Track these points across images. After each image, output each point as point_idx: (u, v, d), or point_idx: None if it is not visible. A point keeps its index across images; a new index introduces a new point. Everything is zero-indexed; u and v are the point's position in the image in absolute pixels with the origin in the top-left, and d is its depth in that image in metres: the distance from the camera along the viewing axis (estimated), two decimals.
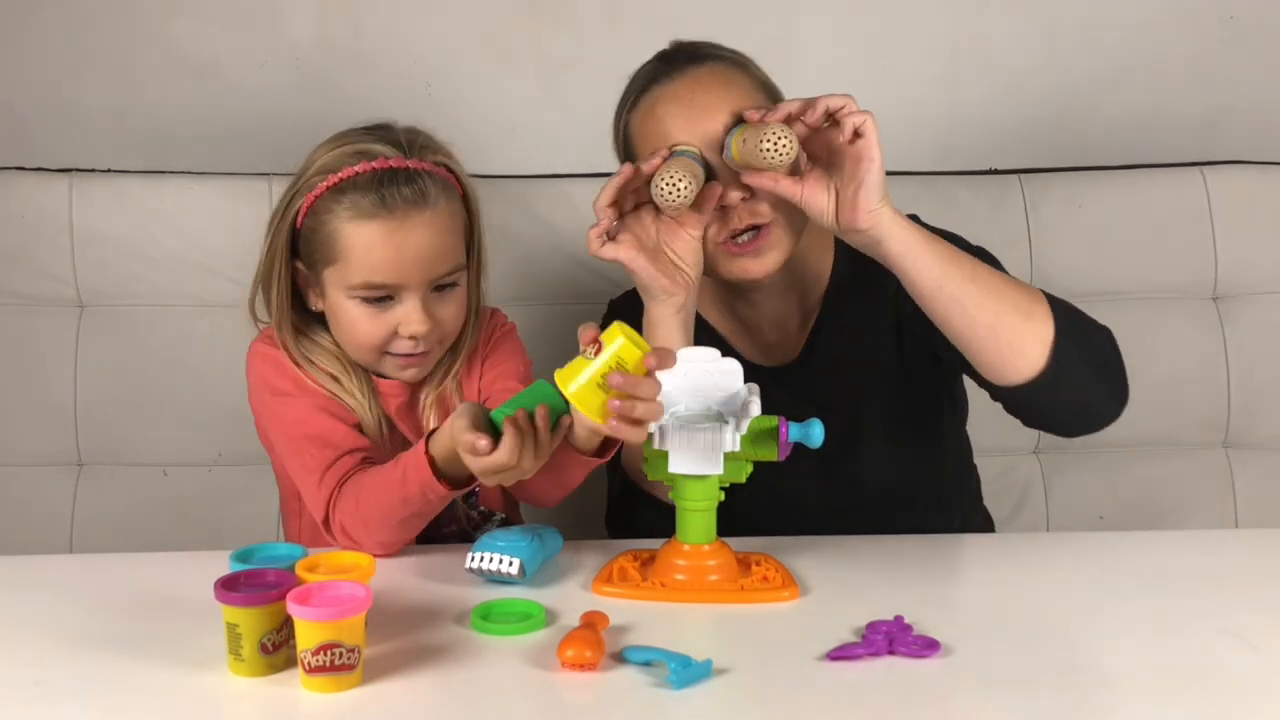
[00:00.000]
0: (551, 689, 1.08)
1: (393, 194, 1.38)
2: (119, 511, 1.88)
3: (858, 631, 1.15)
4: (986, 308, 1.33)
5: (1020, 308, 1.34)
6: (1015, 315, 1.34)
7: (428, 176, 1.41)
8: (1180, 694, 1.08)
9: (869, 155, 1.31)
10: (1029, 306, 1.35)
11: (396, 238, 1.38)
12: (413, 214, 1.39)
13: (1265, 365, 1.95)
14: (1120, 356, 1.41)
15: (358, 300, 1.41)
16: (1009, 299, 1.35)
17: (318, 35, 2.01)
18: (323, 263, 1.42)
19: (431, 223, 1.40)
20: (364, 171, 1.40)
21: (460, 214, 1.46)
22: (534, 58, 2.02)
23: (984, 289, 1.34)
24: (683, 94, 1.44)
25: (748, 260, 1.44)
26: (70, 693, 1.08)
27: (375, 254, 1.39)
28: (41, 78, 2.00)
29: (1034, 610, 1.24)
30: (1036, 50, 2.07)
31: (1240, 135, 2.06)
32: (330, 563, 1.17)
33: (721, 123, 1.41)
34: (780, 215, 1.42)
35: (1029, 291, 1.38)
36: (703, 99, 1.43)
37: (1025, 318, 1.34)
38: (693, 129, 1.41)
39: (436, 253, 1.41)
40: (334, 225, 1.40)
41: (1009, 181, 1.96)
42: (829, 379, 1.52)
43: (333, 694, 1.07)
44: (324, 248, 1.41)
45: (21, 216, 1.89)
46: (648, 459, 1.28)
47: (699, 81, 1.44)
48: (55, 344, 1.89)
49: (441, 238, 1.41)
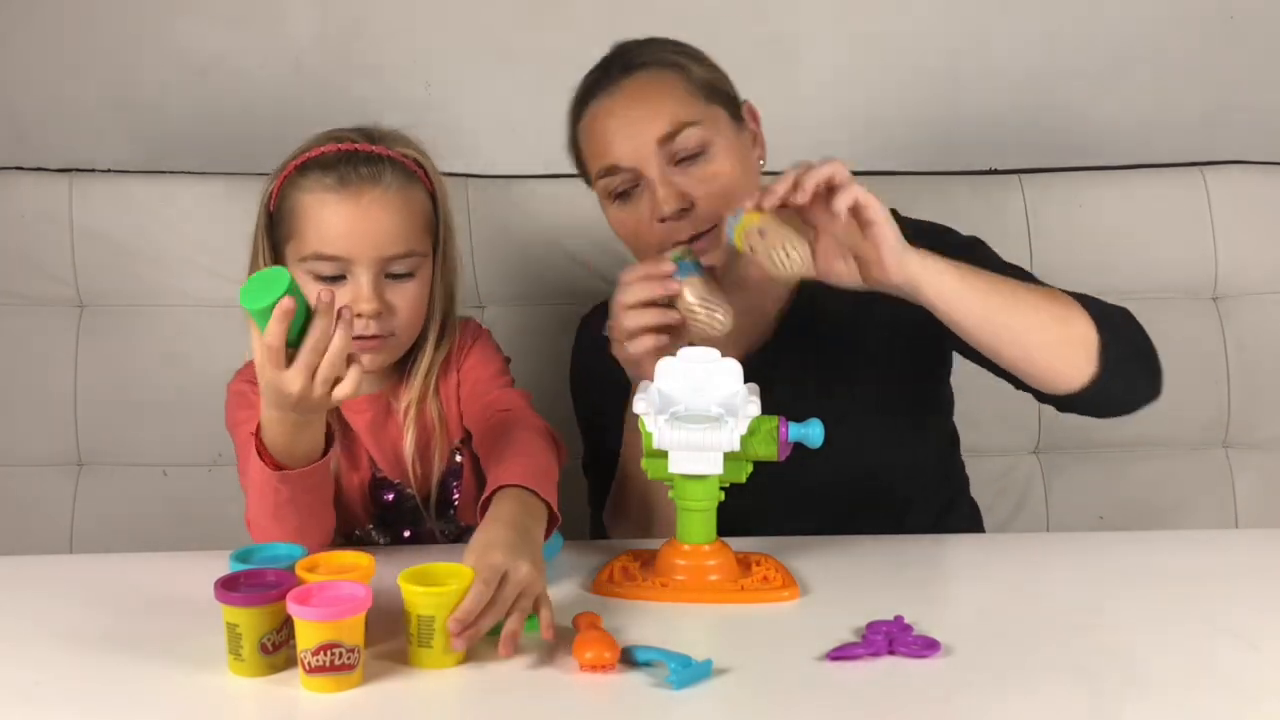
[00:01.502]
0: (552, 689, 1.08)
1: (350, 171, 1.41)
2: (119, 511, 1.88)
3: (858, 631, 1.15)
4: (1033, 329, 1.34)
5: (1059, 317, 1.35)
6: (1059, 328, 1.34)
7: (389, 161, 1.43)
8: (1180, 694, 1.08)
9: (875, 220, 1.28)
10: (1066, 314, 1.35)
11: (348, 209, 1.40)
12: (366, 189, 1.40)
13: (1265, 365, 1.95)
14: (1147, 335, 1.42)
15: (310, 277, 1.40)
16: (1048, 312, 1.35)
17: (318, 35, 2.01)
18: (284, 240, 1.43)
19: (385, 200, 1.41)
20: (329, 151, 1.43)
21: (423, 205, 1.46)
22: (534, 58, 2.02)
23: (1026, 312, 1.34)
24: (617, 108, 1.46)
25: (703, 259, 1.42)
26: (70, 693, 1.08)
27: (326, 225, 1.40)
28: (41, 78, 2.00)
29: (1034, 610, 1.24)
30: (1036, 50, 2.07)
31: (1240, 135, 2.06)
32: (330, 563, 1.16)
33: (658, 130, 1.42)
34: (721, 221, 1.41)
35: (1059, 298, 1.37)
36: (637, 111, 1.45)
37: (1068, 327, 1.35)
38: (630, 142, 1.43)
39: (389, 231, 1.41)
40: (294, 199, 1.42)
41: (1009, 181, 1.96)
42: (791, 369, 1.50)
43: (333, 694, 1.07)
44: (286, 224, 1.43)
45: (21, 216, 1.89)
46: (648, 459, 1.28)
47: (633, 93, 1.46)
48: (55, 344, 1.89)
49: (395, 218, 1.41)
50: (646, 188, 1.44)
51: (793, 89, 2.03)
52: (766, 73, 1.57)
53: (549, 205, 1.94)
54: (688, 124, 1.43)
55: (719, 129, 1.46)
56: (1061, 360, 1.34)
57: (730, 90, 1.50)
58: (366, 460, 1.49)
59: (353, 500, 1.49)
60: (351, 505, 1.49)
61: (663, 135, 1.42)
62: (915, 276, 1.30)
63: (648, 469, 1.29)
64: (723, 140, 1.45)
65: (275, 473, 1.27)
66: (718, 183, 1.43)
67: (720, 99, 1.48)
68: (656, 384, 1.27)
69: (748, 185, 1.45)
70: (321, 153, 1.43)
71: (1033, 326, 1.33)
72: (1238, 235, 1.95)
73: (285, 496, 1.29)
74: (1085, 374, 1.34)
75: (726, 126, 1.47)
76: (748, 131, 1.51)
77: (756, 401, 1.25)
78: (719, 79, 1.49)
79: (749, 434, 1.24)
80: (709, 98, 1.46)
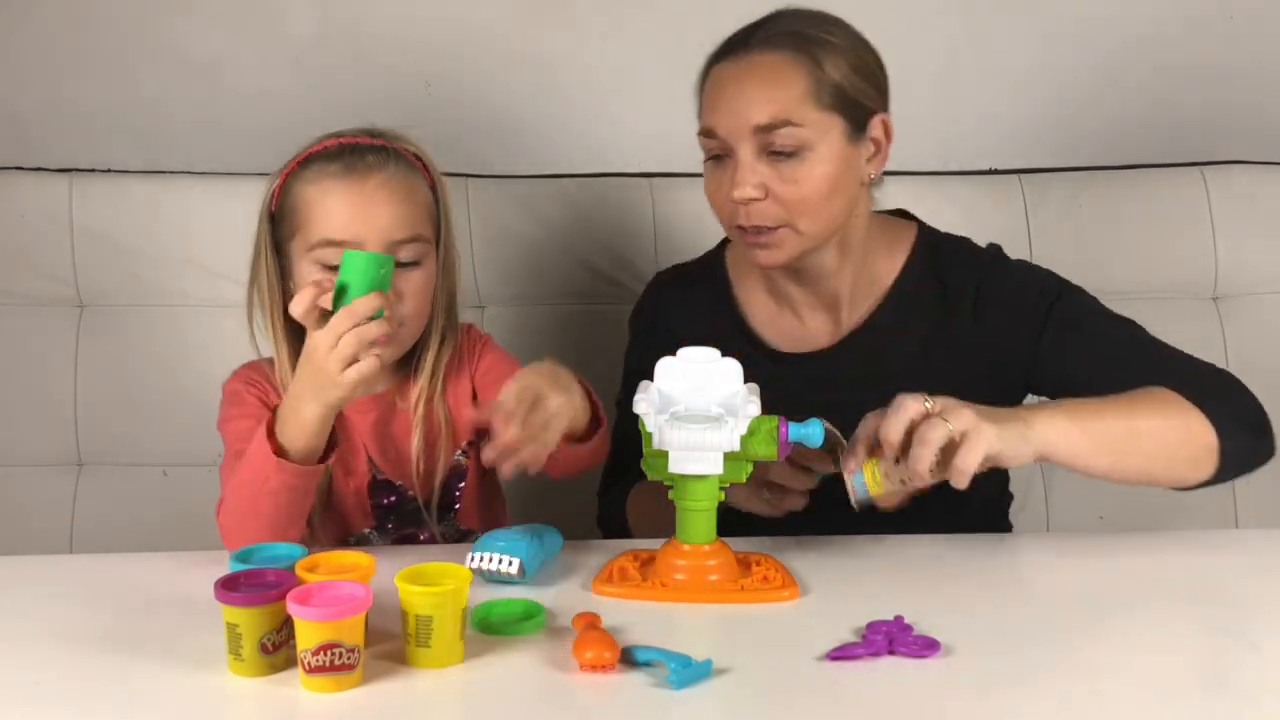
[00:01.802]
0: (552, 689, 1.08)
1: (355, 159, 1.42)
2: (119, 511, 1.88)
3: (858, 631, 1.15)
4: (1158, 460, 1.33)
5: (1179, 433, 1.33)
6: (1180, 448, 1.33)
7: (391, 151, 1.45)
8: (1180, 694, 1.08)
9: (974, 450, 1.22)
10: (1185, 425, 1.33)
11: (354, 194, 1.41)
12: (371, 175, 1.41)
13: (1265, 365, 1.95)
14: (1253, 398, 1.41)
15: (319, 267, 1.40)
16: (1168, 434, 1.32)
17: (318, 35, 2.01)
18: (288, 236, 1.44)
19: (390, 186, 1.42)
20: (330, 146, 1.44)
21: (425, 195, 1.47)
22: (534, 58, 2.02)
23: (1152, 445, 1.32)
24: (734, 79, 1.43)
25: (757, 251, 1.45)
26: (70, 693, 1.08)
27: (334, 211, 1.40)
28: (41, 78, 2.00)
29: (1034, 610, 1.24)
30: (1036, 50, 2.07)
31: (1240, 135, 2.06)
32: (330, 563, 1.16)
33: (760, 117, 1.39)
34: (793, 224, 1.42)
35: (1173, 407, 1.34)
36: (749, 90, 1.41)
37: (1188, 443, 1.33)
38: (731, 117, 1.41)
39: (395, 216, 1.42)
40: (298, 194, 1.43)
41: (1009, 181, 1.97)
42: (854, 378, 1.48)
43: (333, 694, 1.06)
44: (290, 219, 1.43)
45: (21, 216, 1.89)
46: (648, 459, 1.28)
47: (753, 71, 1.42)
48: (55, 344, 1.89)
49: (401, 203, 1.42)
50: (733, 162, 1.43)
51: None
52: None
53: (549, 205, 1.94)
54: (790, 123, 1.39)
55: (826, 137, 1.41)
56: (1182, 473, 1.35)
57: (863, 99, 1.44)
58: (365, 464, 1.49)
59: (349, 506, 1.49)
60: (348, 511, 1.49)
61: (762, 124, 1.40)
62: (1038, 452, 1.27)
63: (647, 469, 1.28)
64: (825, 149, 1.41)
65: (274, 458, 1.29)
66: (801, 187, 1.41)
67: (843, 107, 1.42)
68: (656, 384, 1.27)
69: (837, 199, 1.43)
70: (324, 147, 1.44)
71: (1158, 459, 1.33)
72: (1238, 235, 1.95)
73: (272, 486, 1.30)
74: (1205, 474, 1.35)
75: (836, 136, 1.42)
76: (866, 144, 1.46)
77: (756, 401, 1.25)
78: (853, 85, 1.43)
79: (749, 434, 1.24)
80: (828, 103, 1.41)
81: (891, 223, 1.57)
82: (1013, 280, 1.51)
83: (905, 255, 1.54)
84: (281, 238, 1.45)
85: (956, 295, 1.50)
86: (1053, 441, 1.27)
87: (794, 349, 1.55)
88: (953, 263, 1.53)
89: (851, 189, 1.46)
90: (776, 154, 1.41)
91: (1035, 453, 1.26)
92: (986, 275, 1.51)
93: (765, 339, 1.56)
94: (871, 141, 1.46)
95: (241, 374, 1.50)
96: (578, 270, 1.93)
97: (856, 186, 1.46)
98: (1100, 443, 1.29)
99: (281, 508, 1.33)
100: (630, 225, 1.95)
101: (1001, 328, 1.49)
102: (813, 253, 1.47)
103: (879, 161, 1.48)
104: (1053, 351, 1.47)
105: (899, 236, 1.55)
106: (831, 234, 1.46)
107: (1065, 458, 1.28)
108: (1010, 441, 1.24)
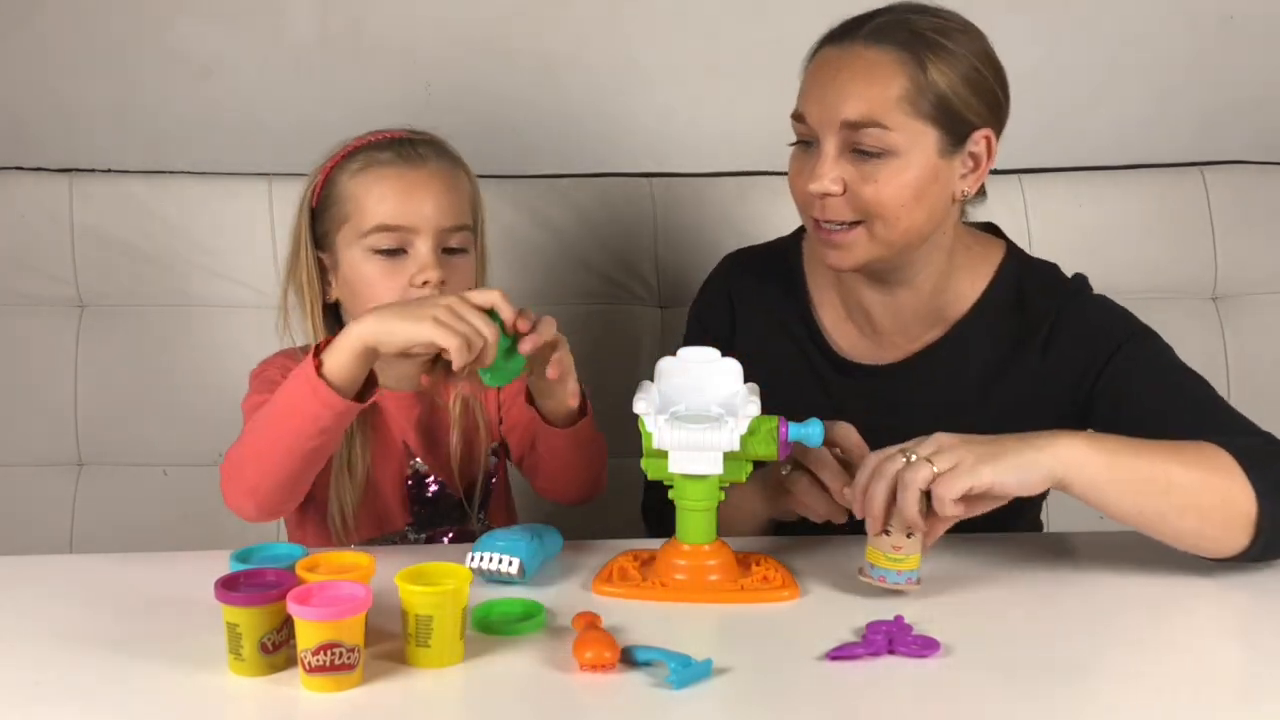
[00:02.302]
0: (551, 689, 1.08)
1: (406, 148, 1.45)
2: (119, 511, 1.88)
3: (858, 631, 1.15)
4: (1188, 518, 1.23)
5: (1222, 491, 1.23)
6: (1219, 510, 1.23)
7: (438, 145, 1.49)
8: (1180, 694, 1.08)
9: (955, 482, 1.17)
10: (1227, 487, 1.23)
11: (408, 180, 1.43)
12: (423, 163, 1.45)
13: (1265, 365, 1.95)
14: None
15: (370, 254, 1.42)
16: (1210, 491, 1.23)
17: (318, 35, 2.01)
18: (335, 228, 1.45)
19: (440, 173, 1.45)
20: (377, 139, 1.47)
21: (469, 188, 1.50)
22: (534, 58, 2.02)
23: (1183, 500, 1.23)
24: (833, 67, 1.38)
25: (829, 250, 1.41)
26: (70, 693, 1.08)
27: (388, 197, 1.42)
28: (41, 78, 2.00)
29: (1034, 610, 1.24)
30: (1036, 50, 2.06)
31: (1240, 135, 2.06)
32: (330, 563, 1.16)
33: (850, 113, 1.35)
34: (869, 225, 1.38)
35: (1225, 469, 1.24)
36: (844, 83, 1.36)
37: (1227, 505, 1.23)
38: (821, 107, 1.37)
39: (446, 203, 1.44)
40: (346, 185, 1.45)
41: (1009, 181, 1.96)
42: (913, 398, 1.45)
43: (333, 694, 1.06)
44: (337, 210, 1.45)
45: (22, 216, 1.89)
46: (648, 459, 1.28)
47: (854, 62, 1.37)
48: (55, 344, 1.89)
49: (450, 193, 1.45)
50: (818, 152, 1.38)
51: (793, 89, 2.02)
52: (766, 73, 1.56)
53: (549, 205, 1.94)
54: (879, 124, 1.34)
55: (916, 145, 1.36)
56: (1213, 537, 1.25)
57: (967, 112, 1.37)
58: (404, 456, 1.50)
59: (388, 498, 1.49)
60: (386, 503, 1.50)
61: (850, 120, 1.35)
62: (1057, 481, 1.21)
63: (647, 469, 1.28)
64: (914, 157, 1.36)
65: (315, 378, 1.23)
66: (880, 189, 1.36)
67: (941, 117, 1.36)
68: (656, 384, 1.27)
69: (919, 209, 1.38)
70: (368, 141, 1.47)
71: (1186, 510, 1.23)
72: (1238, 235, 1.95)
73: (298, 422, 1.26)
74: (1238, 547, 1.25)
75: (928, 146, 1.36)
76: (962, 158, 1.39)
77: (756, 401, 1.25)
78: (958, 96, 1.36)
79: (749, 434, 1.24)
80: (925, 111, 1.35)
81: (980, 240, 1.51)
82: (1088, 317, 1.45)
83: (989, 278, 1.49)
84: (325, 230, 1.46)
85: (1032, 327, 1.45)
86: (1069, 466, 1.20)
87: (859, 358, 1.50)
88: (1036, 292, 1.48)
89: (939, 202, 1.39)
90: (862, 153, 1.36)
91: (1048, 478, 1.20)
92: (1064, 309, 1.46)
93: (832, 342, 1.52)
94: (970, 156, 1.40)
95: (274, 360, 1.49)
96: (578, 270, 1.93)
97: (945, 201, 1.40)
98: (1125, 481, 1.21)
99: (301, 448, 1.27)
100: (630, 225, 1.95)
101: (1066, 364, 1.44)
102: (889, 260, 1.41)
103: (975, 179, 1.41)
104: (1109, 395, 1.41)
105: (985, 255, 1.50)
106: (910, 244, 1.40)
107: (1083, 488, 1.21)
108: (1009, 470, 1.18)
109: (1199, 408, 1.38)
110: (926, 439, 1.21)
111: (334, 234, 1.45)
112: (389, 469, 1.49)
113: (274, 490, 1.31)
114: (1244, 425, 1.35)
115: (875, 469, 1.21)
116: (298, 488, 1.34)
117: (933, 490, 1.18)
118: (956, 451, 1.19)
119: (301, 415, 1.26)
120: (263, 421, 1.31)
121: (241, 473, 1.32)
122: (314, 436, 1.27)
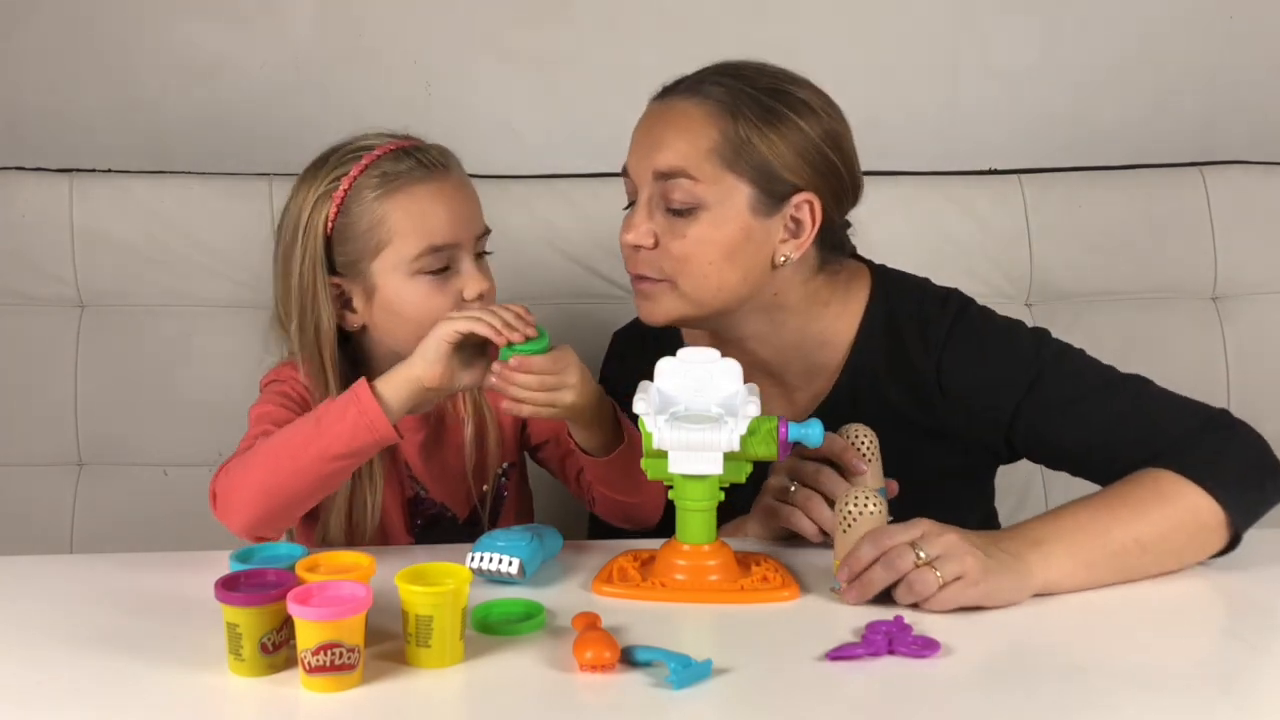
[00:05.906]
0: (551, 689, 1.08)
1: (424, 157, 1.39)
2: (119, 511, 1.88)
3: (858, 631, 1.15)
4: (1168, 562, 1.28)
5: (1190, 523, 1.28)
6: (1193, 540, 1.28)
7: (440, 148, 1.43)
8: (1181, 694, 1.08)
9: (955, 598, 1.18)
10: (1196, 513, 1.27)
11: (444, 194, 1.39)
12: (448, 172, 1.40)
13: (1265, 365, 1.95)
14: (1257, 440, 1.35)
15: (419, 276, 1.37)
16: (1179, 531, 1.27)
17: (318, 35, 2.01)
18: (368, 255, 1.38)
19: (460, 179, 1.42)
20: (385, 152, 1.39)
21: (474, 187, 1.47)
22: (534, 58, 2.02)
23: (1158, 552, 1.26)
24: (649, 120, 1.40)
25: (640, 301, 1.41)
26: (70, 693, 1.08)
27: (430, 217, 1.37)
28: (41, 78, 2.00)
29: (1034, 610, 1.23)
30: (1036, 50, 2.07)
31: (1240, 135, 2.07)
32: (330, 563, 1.17)
33: (660, 163, 1.35)
34: (674, 281, 1.36)
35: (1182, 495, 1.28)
36: (657, 133, 1.37)
37: (1199, 530, 1.28)
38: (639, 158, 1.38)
39: (476, 209, 1.42)
40: (373, 209, 1.37)
41: (1009, 181, 1.96)
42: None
43: (333, 694, 1.07)
44: (367, 238, 1.37)
45: (22, 216, 1.89)
46: (647, 459, 1.28)
47: (666, 114, 1.38)
48: (55, 344, 1.88)
49: (474, 198, 1.43)
50: (637, 203, 1.39)
51: None
52: None
53: (549, 205, 1.93)
54: (687, 175, 1.33)
55: (728, 199, 1.34)
56: (1194, 559, 1.29)
57: (786, 171, 1.34)
58: (407, 480, 1.49)
59: (391, 521, 1.48)
60: (390, 526, 1.48)
61: (660, 170, 1.35)
62: (1038, 590, 1.22)
63: (647, 469, 1.28)
64: (725, 213, 1.34)
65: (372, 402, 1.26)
66: (686, 245, 1.35)
67: (755, 175, 1.33)
68: (656, 384, 1.27)
69: (730, 270, 1.35)
70: (376, 157, 1.38)
71: (1165, 557, 1.27)
72: (1238, 235, 1.95)
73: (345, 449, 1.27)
74: (1219, 547, 1.30)
75: (738, 202, 1.34)
76: (779, 220, 1.35)
77: (756, 401, 1.25)
78: (775, 153, 1.33)
79: (749, 434, 1.24)
80: (738, 166, 1.33)
81: (841, 283, 1.45)
82: (979, 352, 1.41)
83: (855, 327, 1.44)
84: (352, 259, 1.39)
85: (917, 371, 1.42)
86: (1054, 583, 1.23)
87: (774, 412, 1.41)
88: (908, 331, 1.43)
89: (754, 264, 1.36)
90: (674, 211, 1.35)
91: (1033, 594, 1.22)
92: (947, 347, 1.42)
93: None
94: (792, 220, 1.36)
95: (284, 371, 1.45)
96: (578, 270, 1.93)
97: (762, 264, 1.36)
98: (1105, 569, 1.25)
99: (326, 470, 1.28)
100: None
101: (972, 403, 1.41)
102: (702, 320, 1.39)
103: (797, 245, 1.36)
104: (1032, 445, 1.42)
105: (848, 300, 1.44)
106: (726, 305, 1.38)
107: (1069, 590, 1.24)
108: (1003, 593, 1.20)
109: (1128, 425, 1.36)
110: (932, 534, 1.19)
111: (365, 261, 1.38)
112: (391, 494, 1.47)
113: (279, 508, 1.30)
114: (1174, 417, 1.35)
115: (884, 558, 1.19)
116: (300, 509, 1.34)
117: (933, 598, 1.18)
118: (963, 560, 1.18)
119: (334, 436, 1.27)
120: (287, 436, 1.29)
121: (245, 483, 1.30)
122: (342, 459, 1.29)
